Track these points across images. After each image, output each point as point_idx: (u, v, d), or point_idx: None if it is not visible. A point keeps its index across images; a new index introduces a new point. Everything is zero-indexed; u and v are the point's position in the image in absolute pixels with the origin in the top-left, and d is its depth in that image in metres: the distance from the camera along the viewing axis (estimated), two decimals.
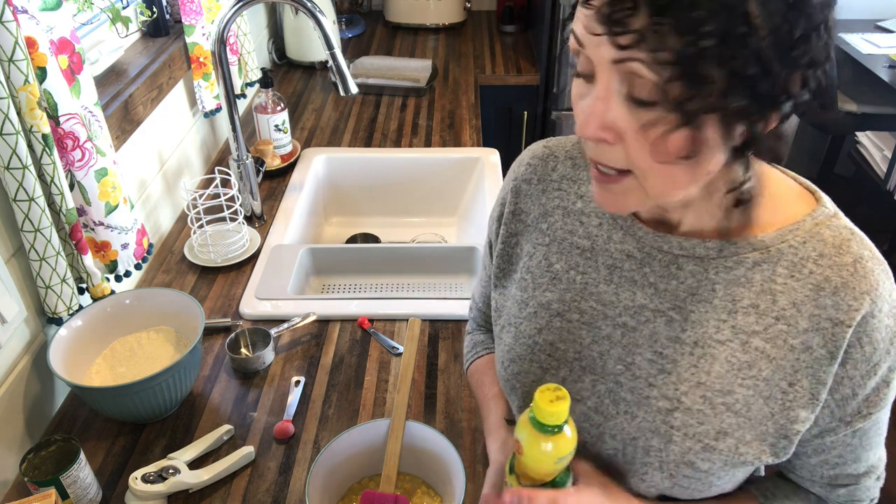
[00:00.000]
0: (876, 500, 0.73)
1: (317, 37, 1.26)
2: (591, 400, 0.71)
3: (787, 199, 0.64)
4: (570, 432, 0.61)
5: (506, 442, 0.77)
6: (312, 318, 1.14)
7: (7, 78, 0.83)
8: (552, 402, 0.59)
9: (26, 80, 0.84)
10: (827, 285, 0.61)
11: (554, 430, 0.60)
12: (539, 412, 0.59)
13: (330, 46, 1.25)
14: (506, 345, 0.77)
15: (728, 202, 0.63)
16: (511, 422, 0.80)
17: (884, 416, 0.66)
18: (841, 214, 0.64)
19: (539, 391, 0.59)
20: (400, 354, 1.09)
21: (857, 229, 0.64)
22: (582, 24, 0.52)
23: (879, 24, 2.51)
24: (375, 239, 1.64)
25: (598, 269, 0.71)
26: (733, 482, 0.68)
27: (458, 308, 1.17)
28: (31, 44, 0.86)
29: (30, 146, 0.88)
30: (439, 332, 1.14)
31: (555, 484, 0.64)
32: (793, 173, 0.67)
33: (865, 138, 2.37)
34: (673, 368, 0.66)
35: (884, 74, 2.15)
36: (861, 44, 2.32)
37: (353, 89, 1.29)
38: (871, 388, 0.63)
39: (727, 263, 0.64)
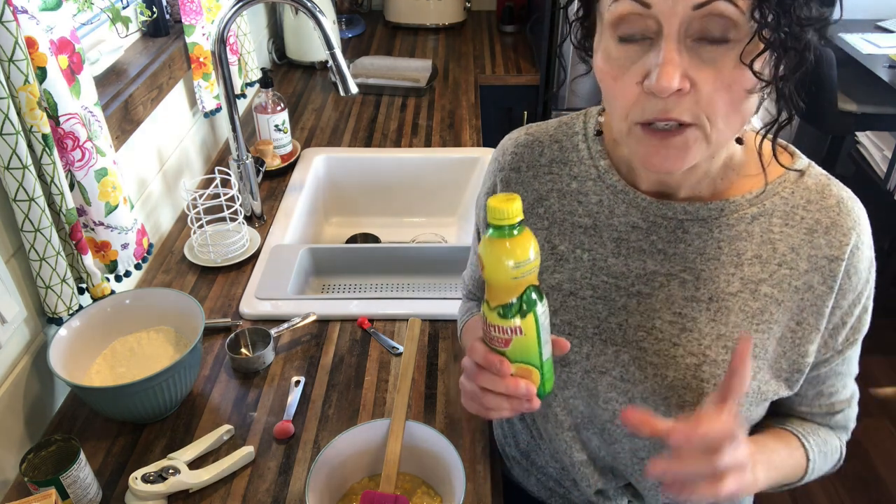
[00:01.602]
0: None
1: (317, 37, 1.26)
2: (615, 370, 0.73)
3: (767, 156, 0.69)
4: (526, 239, 0.59)
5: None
6: (312, 318, 1.14)
7: (7, 78, 0.83)
8: (503, 201, 0.58)
9: (26, 80, 0.84)
10: (818, 227, 0.68)
11: (507, 232, 0.58)
12: (492, 213, 0.58)
13: (330, 46, 1.25)
14: None
15: (722, 163, 0.68)
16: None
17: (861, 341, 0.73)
18: (813, 163, 0.72)
19: (491, 197, 0.58)
20: (400, 354, 1.09)
21: (829, 174, 0.71)
22: None
23: (879, 24, 2.51)
24: (375, 239, 1.64)
25: (605, 244, 0.74)
26: (753, 419, 0.73)
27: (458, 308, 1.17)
28: (31, 44, 0.86)
29: (30, 146, 0.88)
30: (439, 332, 1.14)
31: (522, 302, 0.61)
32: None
33: (865, 138, 2.36)
34: (693, 326, 0.70)
35: (884, 74, 2.15)
36: (861, 44, 2.32)
37: (353, 89, 1.29)
38: (856, 315, 0.70)
39: (729, 221, 0.69)
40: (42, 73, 0.88)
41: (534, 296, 0.62)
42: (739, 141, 0.70)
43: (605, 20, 0.60)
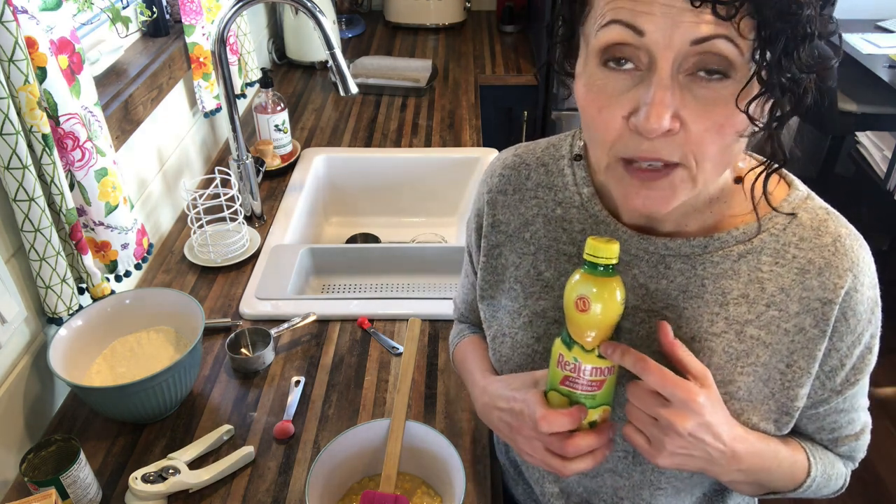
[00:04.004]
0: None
1: (317, 37, 1.26)
2: None
3: (760, 187, 0.65)
4: (619, 276, 0.61)
5: (510, 379, 0.73)
6: (312, 318, 1.14)
7: (7, 78, 0.83)
8: (606, 243, 0.59)
9: (26, 80, 0.84)
10: (811, 267, 0.63)
11: (614, 271, 0.60)
12: (599, 253, 0.59)
13: (330, 46, 1.25)
14: (503, 355, 0.76)
15: (710, 196, 0.65)
16: None
17: (868, 378, 0.69)
18: (813, 195, 0.67)
19: (590, 239, 0.60)
20: (400, 354, 1.09)
21: (831, 208, 0.66)
22: (647, 7, 0.50)
23: (879, 24, 2.50)
24: (375, 239, 1.64)
25: None
26: None
27: None
28: (31, 44, 0.86)
29: (30, 146, 0.88)
30: (439, 332, 1.14)
31: (614, 339, 0.62)
32: (758, 157, 0.67)
33: (865, 138, 2.36)
34: (674, 366, 0.66)
35: (884, 74, 2.15)
36: (861, 44, 2.32)
37: (353, 89, 1.29)
38: (856, 356, 0.66)
39: (713, 258, 0.65)
40: (42, 73, 0.88)
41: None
42: (738, 180, 0.66)
43: (590, 46, 0.55)
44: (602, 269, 0.59)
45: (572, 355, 0.62)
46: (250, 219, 1.41)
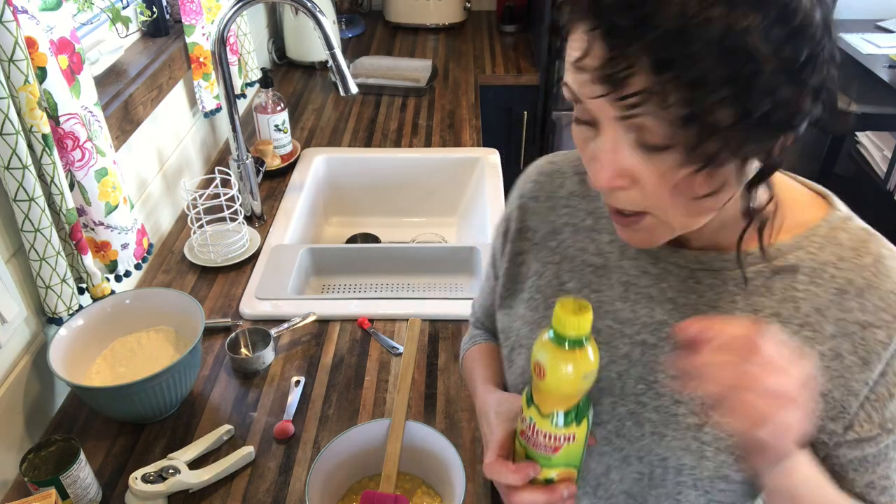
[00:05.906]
0: None
1: (317, 37, 1.26)
2: (611, 423, 0.68)
3: (799, 204, 0.63)
4: (592, 348, 0.56)
5: (502, 400, 0.72)
6: (312, 318, 1.14)
7: (7, 78, 0.83)
8: (576, 313, 0.53)
9: (26, 80, 0.84)
10: (850, 288, 0.60)
11: (578, 344, 0.55)
12: (563, 324, 0.54)
13: (330, 46, 1.25)
14: (519, 367, 0.75)
15: (740, 214, 0.62)
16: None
17: None
18: (854, 216, 0.64)
19: (559, 303, 0.54)
20: (400, 354, 1.09)
21: (872, 229, 0.63)
22: (577, 84, 0.51)
23: (879, 24, 2.50)
24: (375, 239, 1.64)
25: (613, 287, 0.69)
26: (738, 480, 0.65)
27: (458, 308, 1.17)
28: (31, 44, 0.86)
29: (30, 146, 0.88)
30: (439, 332, 1.14)
31: (578, 410, 0.58)
32: (801, 178, 0.66)
33: (865, 138, 2.36)
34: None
35: (884, 74, 2.15)
36: (861, 44, 2.32)
37: (353, 89, 1.29)
38: None
39: (746, 274, 0.63)
40: (42, 73, 0.88)
41: (589, 401, 0.59)
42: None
43: None
44: (568, 341, 0.54)
45: (528, 413, 0.59)
46: (250, 219, 1.41)
